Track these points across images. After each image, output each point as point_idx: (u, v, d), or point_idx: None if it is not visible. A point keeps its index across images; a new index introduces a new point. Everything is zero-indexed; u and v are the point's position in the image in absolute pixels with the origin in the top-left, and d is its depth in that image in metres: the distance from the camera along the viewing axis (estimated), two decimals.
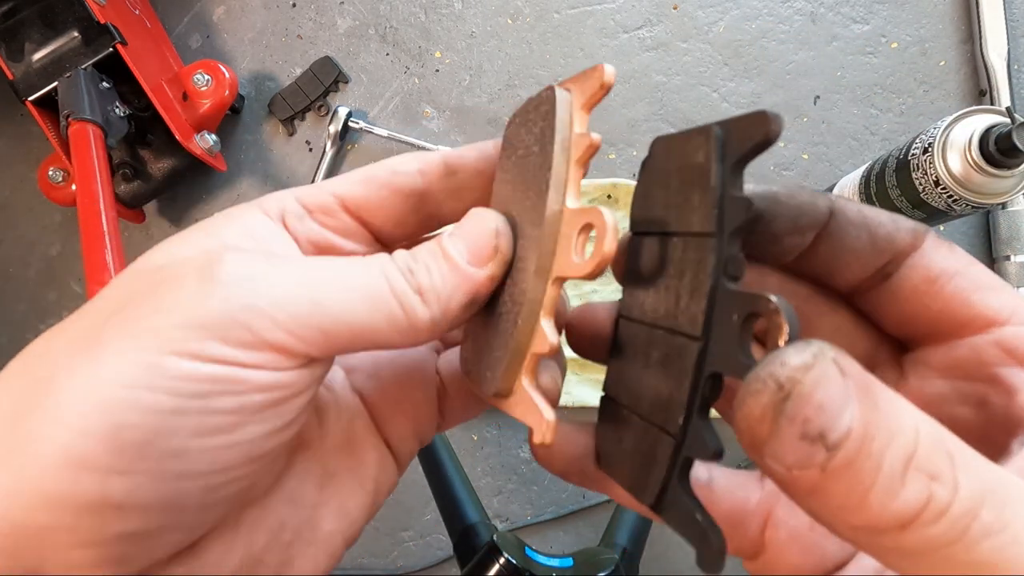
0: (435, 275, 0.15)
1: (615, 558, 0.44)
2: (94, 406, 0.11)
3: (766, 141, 0.13)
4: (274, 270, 0.13)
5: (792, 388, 0.10)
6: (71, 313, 0.14)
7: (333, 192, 0.16)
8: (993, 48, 0.63)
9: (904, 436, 0.10)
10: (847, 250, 0.15)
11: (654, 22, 0.70)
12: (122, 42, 0.61)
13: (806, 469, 0.10)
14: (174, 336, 0.11)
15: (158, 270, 0.13)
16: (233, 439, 0.12)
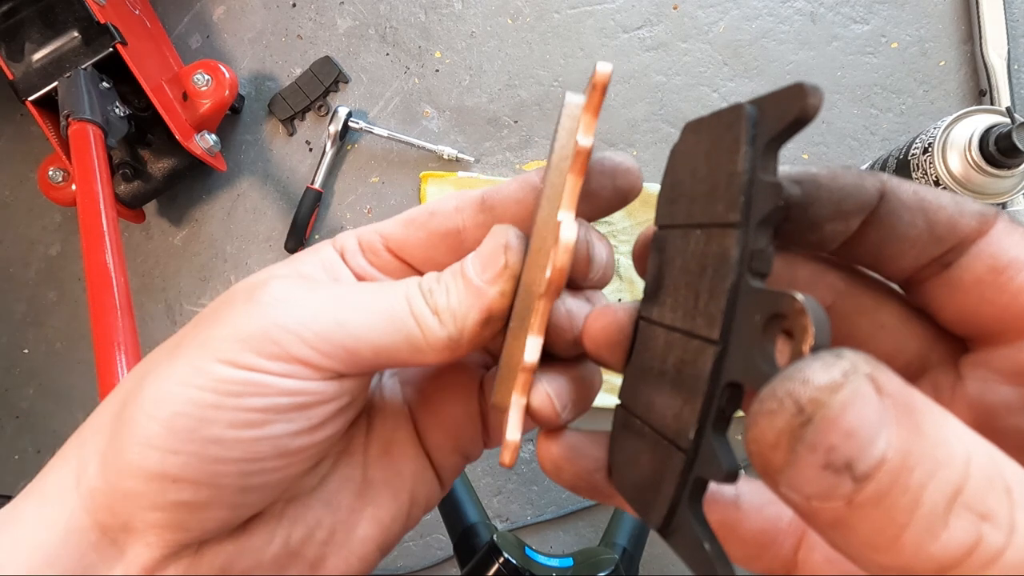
0: (452, 295, 0.15)
1: (615, 558, 0.44)
2: (160, 398, 0.14)
3: (803, 118, 0.11)
4: (308, 294, 0.15)
5: (815, 412, 0.09)
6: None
7: (379, 232, 0.18)
8: (993, 48, 0.63)
9: (952, 466, 0.09)
10: (900, 237, 0.13)
11: (654, 22, 0.70)
12: (122, 42, 0.61)
13: (829, 501, 0.09)
14: (220, 347, 0.14)
15: (230, 293, 0.16)
16: (262, 433, 0.14)
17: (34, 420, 0.76)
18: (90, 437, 0.15)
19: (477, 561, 0.42)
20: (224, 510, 0.15)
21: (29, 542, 0.14)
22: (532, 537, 0.68)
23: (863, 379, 0.09)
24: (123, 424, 0.14)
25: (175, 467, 0.14)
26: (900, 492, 0.09)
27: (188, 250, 0.74)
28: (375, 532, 0.17)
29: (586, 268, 0.16)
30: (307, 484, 0.17)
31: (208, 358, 0.14)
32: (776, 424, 0.09)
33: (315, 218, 0.72)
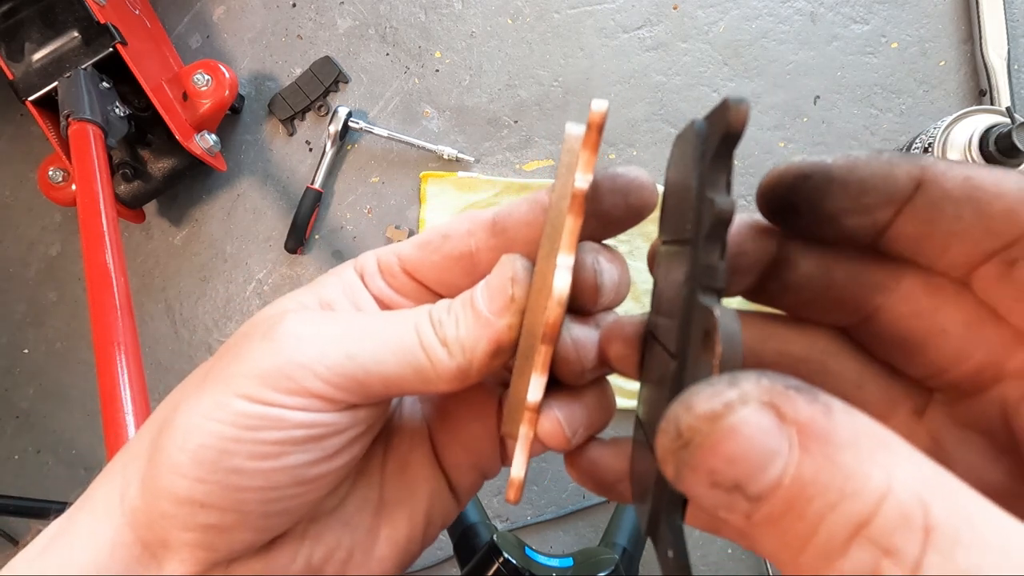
0: (461, 326, 0.16)
1: (615, 558, 0.44)
2: (187, 430, 0.15)
3: (731, 134, 0.11)
4: (321, 329, 0.16)
5: (691, 438, 0.09)
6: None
7: (396, 253, 0.18)
8: (993, 48, 0.63)
9: (860, 499, 0.08)
10: (943, 232, 0.12)
11: (654, 22, 0.70)
12: (122, 42, 0.61)
13: (731, 514, 0.09)
14: (239, 383, 0.15)
15: (252, 324, 0.17)
16: (280, 464, 0.15)
17: (34, 420, 0.76)
18: (131, 460, 0.16)
19: (477, 561, 0.42)
20: (249, 532, 0.16)
21: (82, 553, 0.15)
22: (532, 537, 0.68)
23: (754, 408, 0.09)
24: (157, 451, 0.15)
25: (201, 494, 0.15)
26: (796, 517, 0.09)
27: (188, 250, 0.74)
28: (392, 551, 0.18)
29: (594, 296, 0.16)
30: (327, 506, 0.18)
31: (229, 393, 0.15)
32: (663, 443, 0.10)
33: (315, 218, 0.72)
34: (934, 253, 0.13)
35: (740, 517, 0.09)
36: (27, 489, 0.74)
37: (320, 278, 0.18)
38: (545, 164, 0.70)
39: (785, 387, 0.09)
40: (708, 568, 0.66)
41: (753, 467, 0.09)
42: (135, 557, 0.16)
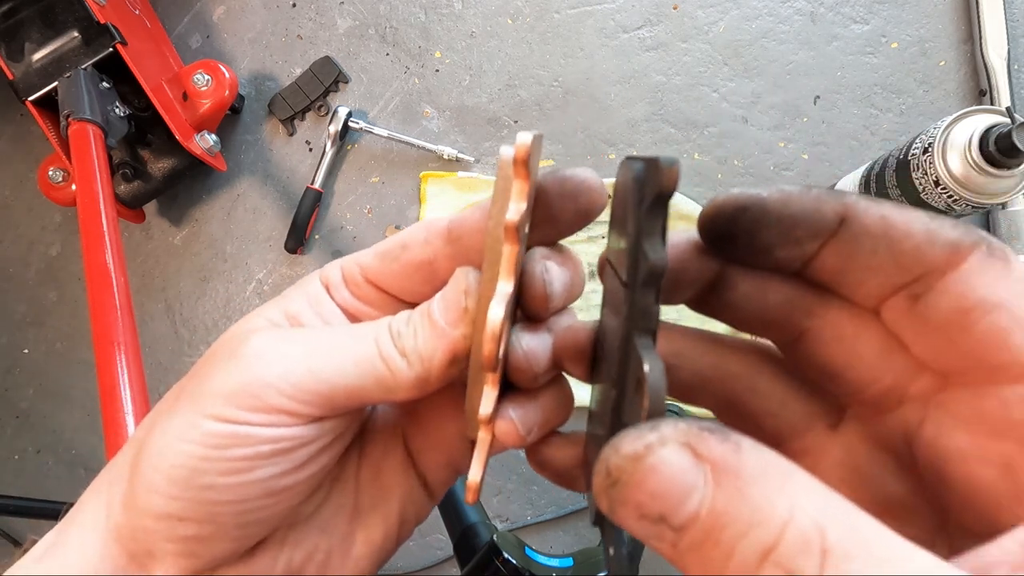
0: (419, 337, 0.16)
1: None
2: (160, 452, 0.16)
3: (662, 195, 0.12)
4: (284, 346, 0.16)
5: (619, 477, 0.10)
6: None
7: (357, 263, 0.19)
8: (993, 48, 0.63)
9: (766, 527, 0.10)
10: (861, 265, 0.13)
11: (654, 22, 0.70)
12: (122, 42, 0.61)
13: (661, 542, 0.10)
14: (207, 404, 0.16)
15: (220, 343, 0.17)
16: (250, 478, 0.16)
17: (34, 420, 0.76)
18: (114, 478, 0.17)
19: (477, 561, 0.42)
20: (227, 542, 0.17)
21: (75, 562, 0.16)
22: (532, 537, 0.68)
23: (672, 448, 0.10)
24: (135, 472, 0.16)
25: (178, 510, 0.16)
26: (713, 545, 0.10)
27: (188, 250, 0.74)
28: (368, 551, 0.19)
29: (544, 305, 0.16)
30: (304, 512, 0.18)
31: (198, 414, 0.16)
32: (596, 481, 0.11)
33: (315, 218, 0.72)
34: (853, 284, 0.14)
35: (668, 546, 0.10)
36: (27, 489, 0.74)
37: (286, 292, 0.19)
38: (545, 164, 0.70)
39: (700, 429, 0.10)
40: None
41: (674, 500, 0.10)
42: (122, 567, 0.16)
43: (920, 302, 0.13)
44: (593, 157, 0.69)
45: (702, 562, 0.10)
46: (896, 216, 0.13)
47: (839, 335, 0.15)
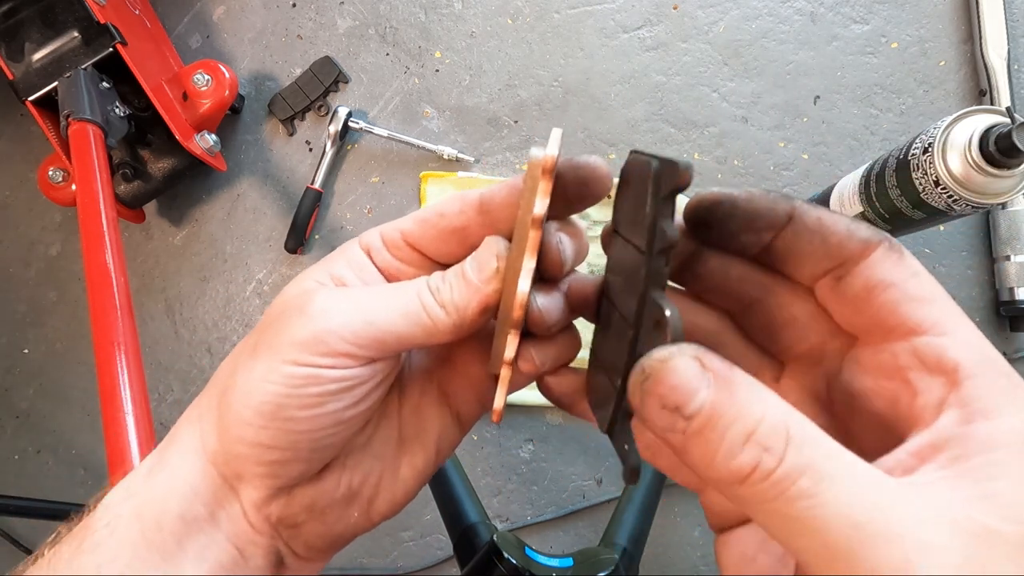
0: (455, 291, 0.20)
1: (615, 558, 0.44)
2: (248, 391, 0.19)
3: (678, 189, 0.16)
4: (343, 302, 0.20)
5: (651, 373, 0.15)
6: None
7: (399, 229, 0.22)
8: (993, 48, 0.63)
9: (748, 418, 0.14)
10: (801, 252, 0.18)
11: (654, 22, 0.70)
12: (122, 42, 0.61)
13: (673, 433, 0.14)
14: (284, 352, 0.19)
15: (285, 302, 0.21)
16: (322, 411, 0.20)
17: (34, 420, 0.76)
18: (204, 412, 0.21)
19: (477, 561, 0.42)
20: (302, 464, 0.20)
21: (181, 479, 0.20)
22: (532, 537, 0.68)
23: (688, 358, 0.15)
24: (225, 409, 0.20)
25: (266, 438, 0.19)
26: (711, 429, 0.14)
27: (188, 250, 0.74)
28: (412, 474, 0.23)
29: (560, 269, 0.20)
30: (359, 442, 0.22)
31: (277, 361, 0.19)
32: (633, 380, 0.15)
33: (315, 218, 0.72)
34: (795, 266, 0.18)
35: (678, 434, 0.14)
36: (27, 489, 0.74)
37: (328, 257, 0.22)
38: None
39: (706, 350, 0.15)
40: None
41: (687, 394, 0.14)
42: (219, 485, 0.20)
43: (841, 282, 0.17)
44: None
45: (704, 444, 0.14)
46: (827, 217, 0.17)
47: (780, 303, 0.19)
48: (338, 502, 0.22)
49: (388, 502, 0.23)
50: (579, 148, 0.70)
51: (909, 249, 0.48)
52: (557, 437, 0.68)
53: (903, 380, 0.16)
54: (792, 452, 0.13)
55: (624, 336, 0.17)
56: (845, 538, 0.12)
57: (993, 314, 0.64)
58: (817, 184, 0.67)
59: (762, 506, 0.13)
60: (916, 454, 0.15)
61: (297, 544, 0.22)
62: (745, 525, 0.19)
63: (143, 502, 0.20)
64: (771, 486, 0.13)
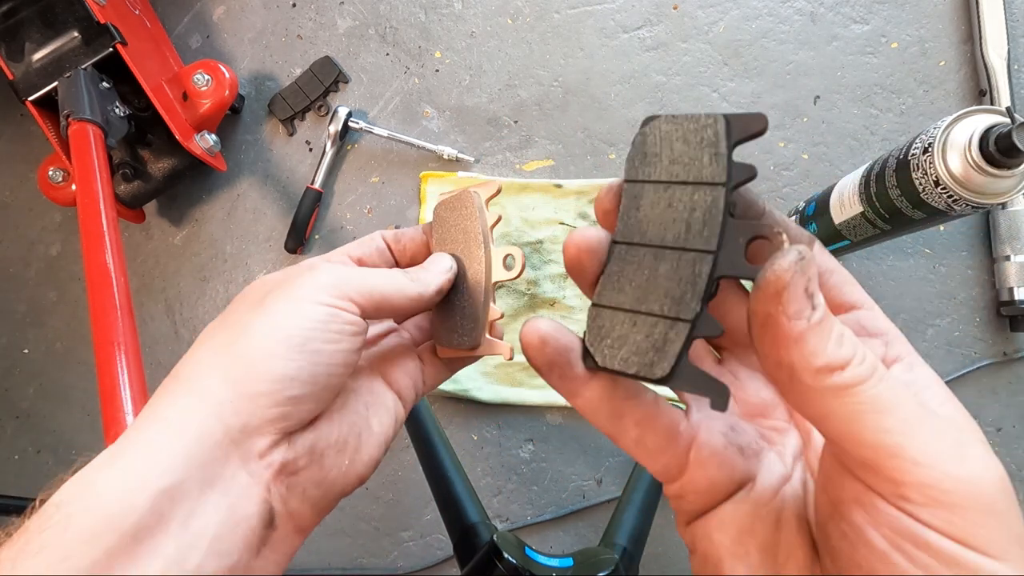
0: (421, 274, 0.28)
1: (615, 558, 0.44)
2: (274, 327, 0.22)
3: (759, 133, 0.18)
4: (347, 269, 0.26)
5: (807, 256, 0.16)
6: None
7: (346, 253, 0.29)
8: (993, 48, 0.63)
9: (839, 325, 0.16)
10: None
11: (654, 22, 0.70)
12: (122, 42, 0.61)
13: (800, 320, 0.16)
14: (310, 294, 0.23)
15: (284, 275, 0.25)
16: (338, 347, 0.23)
17: (34, 420, 0.76)
18: (204, 372, 0.22)
19: (477, 561, 0.42)
20: (313, 402, 0.23)
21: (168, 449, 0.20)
22: (532, 537, 0.68)
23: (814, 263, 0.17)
24: (247, 348, 0.22)
25: (292, 369, 0.22)
26: (828, 322, 0.16)
27: (188, 250, 0.74)
28: (383, 428, 0.27)
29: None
30: (338, 403, 0.26)
31: (301, 301, 0.23)
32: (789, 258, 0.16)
33: (315, 218, 0.72)
34: None
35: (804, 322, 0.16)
36: (27, 489, 0.74)
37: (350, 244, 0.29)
38: (545, 164, 0.70)
39: None
40: None
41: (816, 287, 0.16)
42: (216, 443, 0.21)
43: None
44: (593, 157, 0.69)
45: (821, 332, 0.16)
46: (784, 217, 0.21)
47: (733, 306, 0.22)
48: (332, 447, 0.25)
49: (368, 454, 0.26)
50: (579, 148, 0.70)
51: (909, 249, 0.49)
52: (557, 437, 0.68)
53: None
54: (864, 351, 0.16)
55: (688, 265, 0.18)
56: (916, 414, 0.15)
57: (993, 314, 0.64)
58: (817, 184, 0.67)
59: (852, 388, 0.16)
60: None
61: (294, 495, 0.23)
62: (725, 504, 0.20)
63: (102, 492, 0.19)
64: (865, 371, 0.16)
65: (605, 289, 0.20)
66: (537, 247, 0.68)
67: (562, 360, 0.20)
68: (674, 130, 0.20)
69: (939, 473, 0.15)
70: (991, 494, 0.15)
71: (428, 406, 0.63)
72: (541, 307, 0.68)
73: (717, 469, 0.20)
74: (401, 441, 0.70)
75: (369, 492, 0.70)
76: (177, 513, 0.19)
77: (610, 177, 0.68)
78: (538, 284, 0.67)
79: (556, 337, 0.20)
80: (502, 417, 0.69)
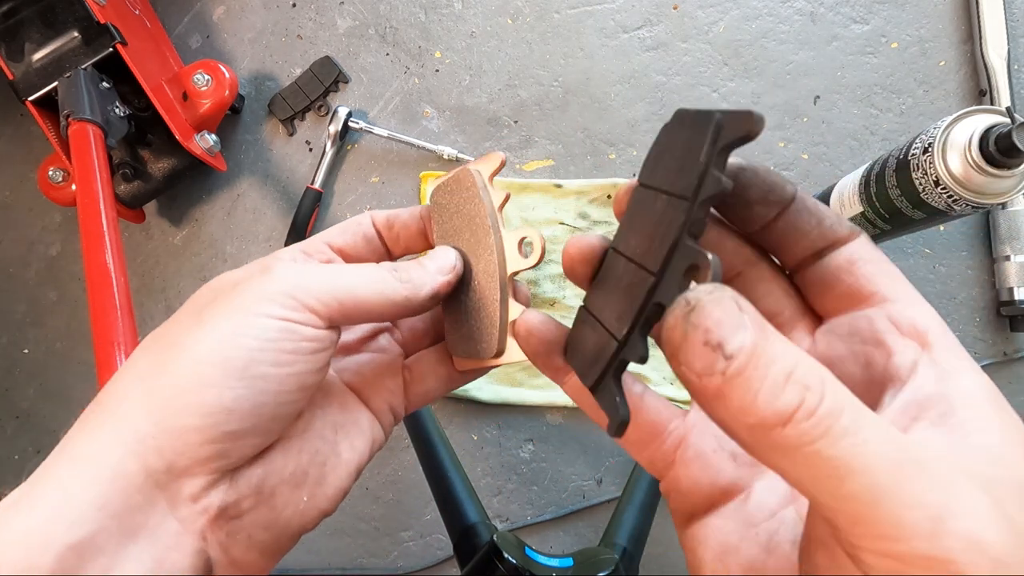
0: (413, 273, 0.23)
1: (615, 558, 0.44)
2: (211, 348, 0.18)
3: (748, 136, 0.16)
4: (308, 268, 0.21)
5: (696, 304, 0.14)
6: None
7: (322, 240, 0.25)
8: (993, 48, 0.63)
9: (786, 358, 0.13)
10: (799, 229, 0.18)
11: (654, 22, 0.70)
12: (122, 42, 0.61)
13: (711, 376, 0.13)
14: (256, 306, 0.19)
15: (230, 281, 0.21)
16: (291, 370, 0.19)
17: (34, 420, 0.76)
18: (126, 401, 0.18)
19: (477, 561, 0.42)
20: (258, 436, 0.19)
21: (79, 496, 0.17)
22: (532, 537, 0.68)
23: (728, 296, 0.14)
24: (173, 378, 0.18)
25: (229, 399, 0.18)
26: (753, 368, 0.13)
27: (188, 250, 0.74)
28: (354, 455, 0.23)
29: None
30: (300, 427, 0.22)
31: (249, 314, 0.19)
32: (676, 312, 0.14)
33: (315, 218, 0.72)
34: (790, 243, 0.19)
35: (717, 376, 0.13)
36: None
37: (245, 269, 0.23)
38: (545, 164, 0.70)
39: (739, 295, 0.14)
40: None
41: (730, 329, 0.13)
42: (136, 487, 0.17)
43: (825, 258, 0.18)
44: (593, 157, 0.69)
45: (744, 384, 0.13)
46: (821, 204, 0.19)
47: (761, 276, 0.20)
48: (287, 482, 0.21)
49: (335, 485, 0.22)
50: (579, 148, 0.70)
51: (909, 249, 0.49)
52: (557, 437, 0.68)
53: (877, 343, 0.17)
54: (830, 391, 0.13)
55: (638, 285, 0.17)
56: (887, 477, 0.12)
57: (993, 314, 0.64)
58: (817, 184, 0.67)
59: (802, 450, 0.13)
60: (906, 413, 0.16)
61: (237, 541, 0.20)
62: (716, 511, 0.19)
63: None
64: (816, 423, 0.13)
65: (591, 292, 0.21)
66: None
67: (544, 351, 0.22)
68: (682, 128, 0.18)
69: (905, 548, 0.12)
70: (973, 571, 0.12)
71: (428, 407, 0.63)
72: (541, 307, 0.68)
73: (700, 471, 0.19)
74: (401, 441, 0.70)
75: (369, 492, 0.70)
76: (89, 571, 0.16)
77: (610, 177, 0.68)
78: (538, 284, 0.67)
79: (541, 330, 0.21)
80: (502, 417, 0.69)
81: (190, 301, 0.21)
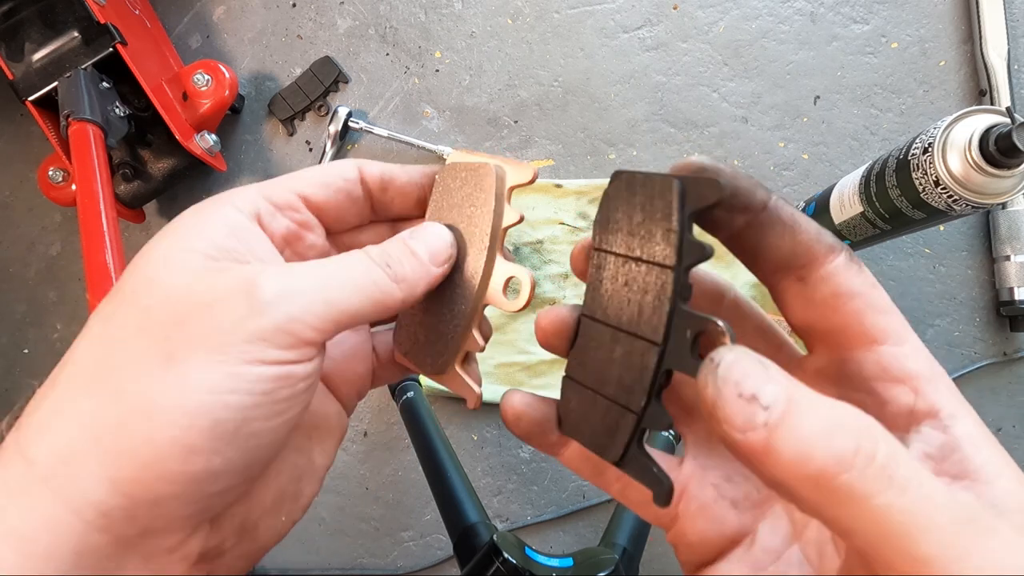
0: (407, 268, 0.20)
1: (615, 558, 0.44)
2: (194, 410, 0.15)
3: (715, 204, 0.16)
4: (296, 281, 0.17)
5: (720, 360, 0.13)
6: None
7: (296, 191, 0.21)
8: (993, 48, 0.63)
9: (824, 404, 0.13)
10: (769, 244, 0.17)
11: (654, 22, 0.70)
12: (122, 42, 0.61)
13: (755, 430, 0.13)
14: (244, 349, 0.16)
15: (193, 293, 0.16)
16: (286, 418, 0.17)
17: None
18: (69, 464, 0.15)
19: (477, 561, 0.42)
20: (245, 485, 0.18)
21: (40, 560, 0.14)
22: (532, 537, 0.68)
23: (750, 354, 0.14)
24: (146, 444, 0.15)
25: (219, 465, 0.16)
26: (797, 416, 0.12)
27: None
28: (325, 460, 0.22)
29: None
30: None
31: (236, 362, 0.15)
32: (704, 374, 0.14)
33: None
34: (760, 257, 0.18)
35: (763, 430, 0.13)
36: None
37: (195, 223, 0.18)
38: (545, 164, 0.70)
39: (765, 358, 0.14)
40: None
41: (759, 381, 0.13)
42: (107, 556, 0.15)
43: (806, 285, 0.17)
44: (593, 157, 0.69)
45: (792, 433, 0.12)
46: (799, 216, 0.17)
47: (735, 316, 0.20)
48: (269, 512, 0.19)
49: (308, 495, 0.21)
50: (579, 148, 0.70)
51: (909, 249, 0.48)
52: None
53: (868, 391, 0.17)
54: (882, 436, 0.12)
55: (638, 354, 0.17)
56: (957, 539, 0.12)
57: (993, 314, 0.64)
58: (817, 184, 0.67)
59: (869, 502, 0.12)
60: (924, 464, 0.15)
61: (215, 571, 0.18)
62: (724, 559, 0.19)
63: None
64: (878, 472, 0.12)
65: (573, 361, 0.20)
66: (537, 247, 0.68)
67: (537, 430, 0.21)
68: (634, 195, 0.18)
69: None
70: None
71: (428, 406, 0.63)
72: (541, 307, 0.68)
73: (707, 523, 0.19)
74: (401, 441, 0.70)
75: (369, 492, 0.70)
76: None
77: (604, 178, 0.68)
78: (538, 284, 0.67)
79: (529, 413, 0.20)
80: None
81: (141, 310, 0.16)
